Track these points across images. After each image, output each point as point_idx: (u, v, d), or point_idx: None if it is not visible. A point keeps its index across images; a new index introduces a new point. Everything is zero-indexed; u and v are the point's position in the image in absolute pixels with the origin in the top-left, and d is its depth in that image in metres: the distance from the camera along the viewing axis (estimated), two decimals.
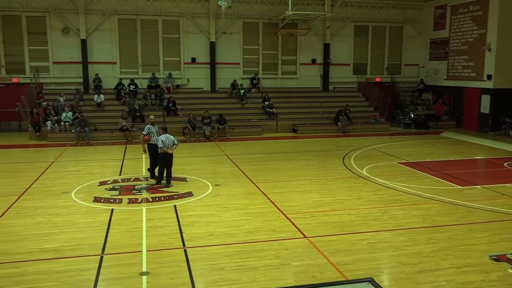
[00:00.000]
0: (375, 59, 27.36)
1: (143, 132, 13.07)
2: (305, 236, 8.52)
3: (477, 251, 7.88)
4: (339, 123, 22.95)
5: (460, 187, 12.32)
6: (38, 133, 20.13)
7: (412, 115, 24.95)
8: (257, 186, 12.21)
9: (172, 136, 12.30)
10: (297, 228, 8.98)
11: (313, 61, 26.45)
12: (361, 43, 26.98)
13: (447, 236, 8.59)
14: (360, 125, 23.70)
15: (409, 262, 7.42)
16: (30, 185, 12.21)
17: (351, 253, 7.80)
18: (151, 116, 13.84)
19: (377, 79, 27.14)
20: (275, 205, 10.51)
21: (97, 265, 7.23)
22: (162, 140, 12.07)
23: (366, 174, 13.75)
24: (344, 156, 16.57)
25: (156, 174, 12.56)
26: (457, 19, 24.69)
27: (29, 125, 20.57)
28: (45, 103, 21.30)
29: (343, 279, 6.74)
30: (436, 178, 13.30)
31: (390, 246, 8.11)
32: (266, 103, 23.93)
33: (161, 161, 12.19)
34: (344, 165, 15.16)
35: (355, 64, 27.10)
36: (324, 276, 6.89)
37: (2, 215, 9.70)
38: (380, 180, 12.95)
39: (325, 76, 26.51)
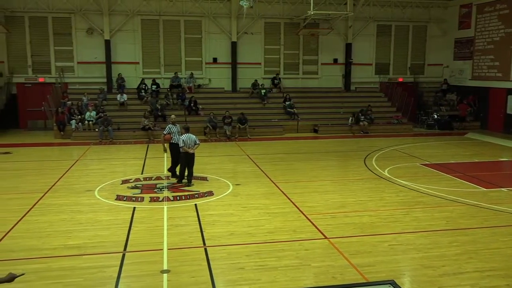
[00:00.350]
0: (397, 59, 27.03)
1: (163, 132, 13.21)
2: (325, 237, 8.48)
3: (502, 255, 7.71)
4: (360, 123, 22.77)
5: (484, 189, 12.07)
6: (62, 132, 20.54)
7: (436, 116, 24.55)
8: (277, 186, 12.20)
9: (194, 136, 12.39)
10: (318, 228, 8.94)
11: (335, 61, 26.29)
12: (383, 42, 26.69)
13: (471, 239, 8.43)
14: (382, 126, 23.44)
15: (432, 265, 7.31)
16: (55, 183, 12.46)
17: (372, 254, 7.72)
18: (172, 115, 13.98)
19: (400, 79, 26.80)
20: (295, 205, 10.49)
21: (119, 262, 7.34)
22: (183, 140, 12.17)
23: (388, 175, 13.60)
24: (366, 157, 16.42)
25: (178, 173, 12.67)
26: (483, 18, 24.19)
27: (54, 124, 21.00)
28: (69, 102, 21.71)
29: (364, 281, 6.68)
30: (460, 180, 13.06)
31: (412, 249, 8.01)
32: (287, 103, 23.89)
33: (182, 160, 12.29)
34: (366, 166, 15.03)
35: (378, 64, 26.83)
36: (344, 277, 6.84)
37: (28, 211, 9.93)
38: (402, 181, 12.79)
39: (346, 76, 26.32)
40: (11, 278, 4.10)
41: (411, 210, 10.22)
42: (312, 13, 22.06)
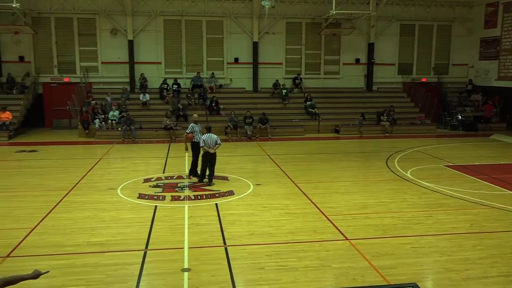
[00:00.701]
0: (421, 59, 26.65)
1: (186, 131, 13.29)
2: (346, 238, 8.42)
3: None
4: (381, 123, 22.56)
5: (510, 192, 11.80)
6: (86, 131, 20.91)
7: (460, 117, 24.09)
8: (298, 187, 12.17)
9: (215, 136, 12.44)
10: (338, 230, 8.89)
11: (357, 61, 26.08)
12: (407, 42, 26.35)
13: (496, 243, 8.25)
14: (405, 127, 23.14)
15: (455, 268, 7.18)
16: (79, 181, 12.69)
17: (393, 257, 7.63)
18: (194, 115, 14.07)
19: (423, 79, 26.43)
20: (316, 206, 10.44)
21: (141, 260, 7.43)
22: (203, 140, 12.24)
23: (411, 176, 13.42)
24: (388, 158, 16.24)
25: (199, 172, 12.75)
26: (510, 16, 23.64)
27: (79, 123, 21.39)
28: (93, 102, 22.07)
29: (385, 283, 6.61)
30: (485, 182, 12.80)
31: (435, 251, 7.88)
32: (308, 103, 23.80)
33: (203, 160, 12.36)
34: (388, 167, 14.86)
35: (400, 64, 26.50)
36: (365, 279, 6.78)
37: (53, 208, 10.14)
38: (425, 183, 12.60)
39: (369, 76, 26.08)
40: (36, 275, 4.20)
41: (434, 212, 10.06)
42: (334, 12, 21.94)
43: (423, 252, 7.87)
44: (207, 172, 12.42)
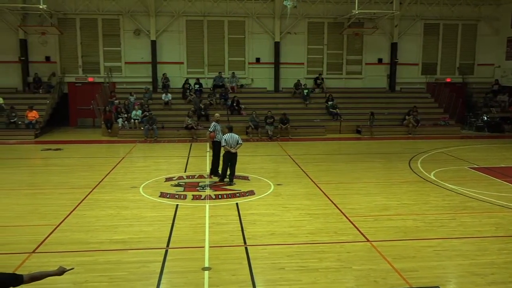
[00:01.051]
0: (445, 59, 26.21)
1: (209, 129, 13.30)
2: (367, 240, 8.34)
3: None
4: (404, 122, 22.29)
5: None
6: (110, 130, 21.22)
7: (486, 118, 23.59)
8: (319, 187, 12.11)
9: (237, 136, 12.46)
10: (360, 231, 8.81)
11: (380, 60, 25.80)
12: (431, 42, 25.95)
13: None
14: (428, 128, 22.79)
15: (480, 272, 7.04)
16: (102, 179, 12.89)
17: (416, 259, 7.53)
18: (216, 114, 14.14)
19: (448, 80, 25.98)
20: (337, 207, 10.38)
21: (162, 258, 7.51)
22: (225, 139, 12.29)
23: (434, 178, 13.20)
24: (411, 159, 16.02)
25: (220, 171, 12.81)
26: None
27: (102, 122, 21.73)
28: (117, 101, 22.40)
29: (407, 286, 6.53)
30: (511, 185, 12.50)
31: (459, 255, 7.74)
32: (329, 103, 23.66)
33: (225, 159, 12.41)
34: (410, 168, 14.66)
35: (424, 64, 26.12)
36: (387, 282, 6.71)
37: (77, 206, 10.32)
38: (449, 185, 12.39)
39: (391, 76, 25.78)
40: (61, 272, 4.30)
41: (457, 215, 9.88)
42: (356, 12, 21.76)
43: (446, 255, 7.73)
44: (228, 172, 12.46)
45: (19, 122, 20.97)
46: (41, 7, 20.60)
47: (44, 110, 22.41)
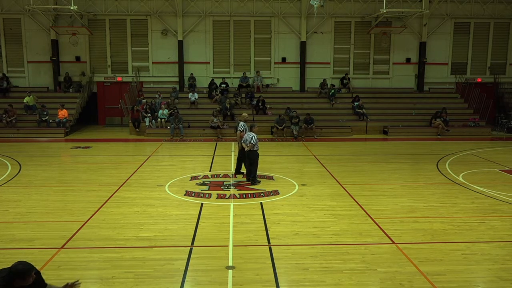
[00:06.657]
0: (476, 58, 25.61)
1: (239, 129, 13.24)
2: (393, 242, 8.22)
3: None
4: (433, 124, 21.87)
5: None
6: (137, 129, 21.57)
7: None
8: (344, 188, 12.01)
9: (252, 134, 12.28)
10: (385, 233, 8.69)
11: (408, 60, 25.41)
12: (461, 41, 25.39)
13: None
14: (458, 129, 22.31)
15: (509, 277, 6.84)
16: (129, 177, 13.11)
17: (443, 263, 7.38)
18: (244, 114, 14.16)
19: (478, 80, 25.39)
20: (362, 208, 10.27)
21: (187, 256, 7.58)
22: (244, 138, 12.39)
23: (463, 180, 12.91)
24: (439, 161, 15.71)
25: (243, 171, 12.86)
26: None
27: (130, 121, 22.10)
28: (144, 100, 22.74)
29: None
30: None
31: (488, 259, 7.55)
32: (356, 103, 23.43)
33: (252, 159, 12.39)
34: (438, 170, 14.38)
35: (454, 64, 25.59)
36: (412, 285, 6.60)
37: (105, 203, 10.53)
38: (478, 187, 12.09)
39: (420, 76, 25.35)
40: None
41: (487, 218, 9.64)
42: (384, 11, 21.49)
43: (474, 260, 7.55)
44: (244, 170, 12.47)
45: (50, 121, 21.52)
46: (72, 8, 21.12)
47: (74, 109, 22.96)
